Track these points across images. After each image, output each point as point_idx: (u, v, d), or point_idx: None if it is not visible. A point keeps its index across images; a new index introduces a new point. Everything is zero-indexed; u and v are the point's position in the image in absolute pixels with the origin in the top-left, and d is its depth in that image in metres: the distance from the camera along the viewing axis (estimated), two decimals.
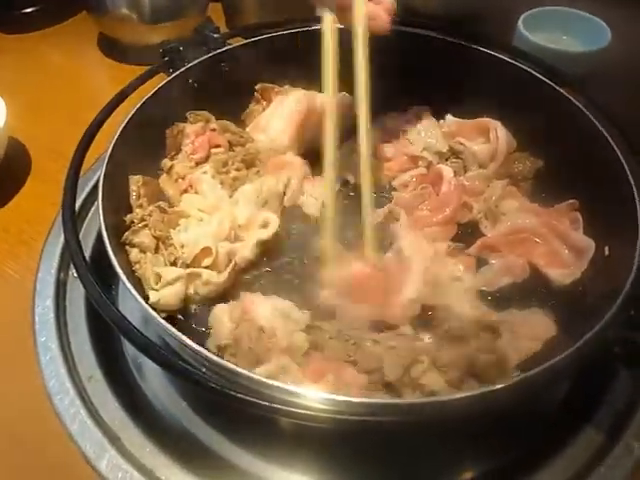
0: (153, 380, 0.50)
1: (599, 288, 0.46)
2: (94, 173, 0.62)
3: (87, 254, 0.50)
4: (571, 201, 0.56)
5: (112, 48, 0.88)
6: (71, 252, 0.41)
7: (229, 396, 0.34)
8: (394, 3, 0.54)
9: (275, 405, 0.33)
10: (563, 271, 0.52)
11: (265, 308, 0.46)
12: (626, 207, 0.46)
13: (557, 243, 0.55)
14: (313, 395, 0.34)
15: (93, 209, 0.62)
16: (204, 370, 0.36)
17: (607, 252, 0.50)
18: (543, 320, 0.47)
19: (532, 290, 0.52)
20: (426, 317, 0.48)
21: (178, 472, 0.43)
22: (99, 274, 0.41)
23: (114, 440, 0.44)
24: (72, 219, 0.44)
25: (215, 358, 0.36)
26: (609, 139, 0.51)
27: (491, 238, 0.56)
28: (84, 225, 0.60)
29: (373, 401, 0.35)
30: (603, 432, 0.44)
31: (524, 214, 0.57)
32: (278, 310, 0.46)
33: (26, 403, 0.48)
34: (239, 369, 0.36)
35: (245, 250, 0.53)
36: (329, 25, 0.53)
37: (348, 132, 0.56)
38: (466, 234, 0.57)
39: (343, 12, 0.53)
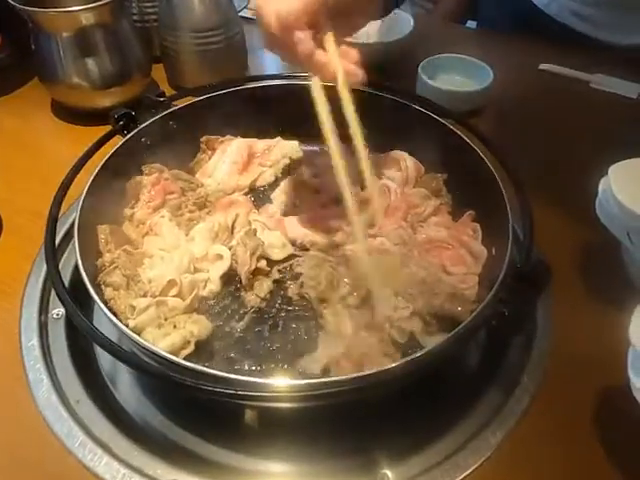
0: (125, 392, 0.60)
1: (489, 278, 0.58)
2: (62, 225, 0.71)
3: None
4: (468, 212, 0.69)
5: (65, 112, 0.95)
6: (52, 279, 0.50)
7: (200, 389, 0.43)
8: (358, 53, 0.56)
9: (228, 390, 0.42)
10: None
11: None
12: (502, 218, 0.58)
13: (462, 250, 0.67)
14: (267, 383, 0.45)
15: (64, 258, 0.70)
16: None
17: (494, 252, 0.62)
18: None
19: None
20: None
21: (163, 467, 0.51)
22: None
23: (106, 448, 0.52)
24: (53, 252, 0.53)
25: (182, 361, 0.46)
26: (488, 163, 0.63)
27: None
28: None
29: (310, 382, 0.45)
30: (503, 390, 0.56)
31: (437, 227, 0.70)
32: None
33: (24, 427, 0.55)
34: (204, 368, 0.45)
35: (211, 284, 0.63)
36: (317, 84, 0.55)
37: None
38: None
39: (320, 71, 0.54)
